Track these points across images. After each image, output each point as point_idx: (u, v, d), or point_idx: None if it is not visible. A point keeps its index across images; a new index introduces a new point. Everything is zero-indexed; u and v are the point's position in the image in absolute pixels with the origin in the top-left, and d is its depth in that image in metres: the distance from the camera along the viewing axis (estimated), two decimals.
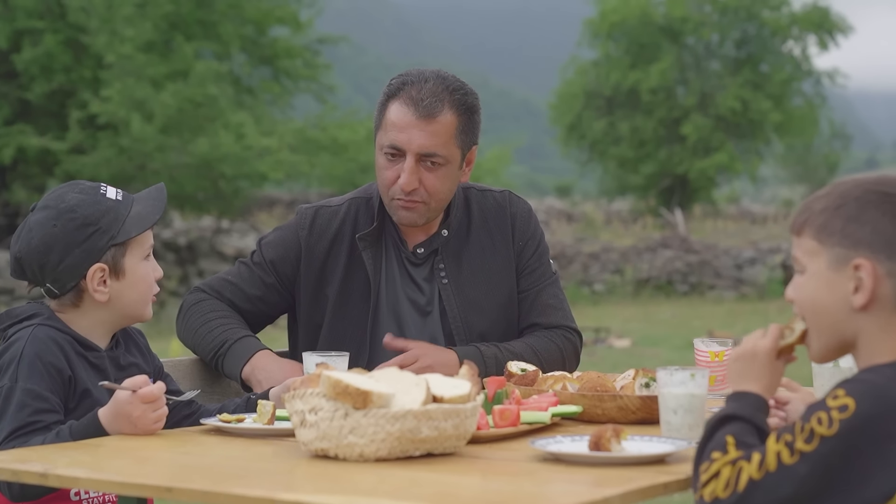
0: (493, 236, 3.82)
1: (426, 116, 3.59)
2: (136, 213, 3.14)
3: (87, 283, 3.09)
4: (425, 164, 3.61)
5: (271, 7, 23.90)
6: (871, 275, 2.34)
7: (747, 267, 24.75)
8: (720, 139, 39.55)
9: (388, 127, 3.62)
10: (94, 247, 3.08)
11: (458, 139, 3.65)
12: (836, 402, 2.25)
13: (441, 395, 2.64)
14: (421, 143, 3.59)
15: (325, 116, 24.55)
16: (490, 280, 3.79)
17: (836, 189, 2.41)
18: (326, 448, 2.60)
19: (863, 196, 2.37)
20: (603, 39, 41.14)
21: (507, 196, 3.88)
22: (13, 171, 22.31)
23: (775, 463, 2.26)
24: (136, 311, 3.18)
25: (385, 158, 3.63)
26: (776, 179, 67.94)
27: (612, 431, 2.57)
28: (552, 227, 32.03)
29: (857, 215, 2.36)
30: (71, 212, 3.08)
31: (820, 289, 2.40)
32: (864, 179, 2.40)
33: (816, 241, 2.40)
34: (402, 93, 3.62)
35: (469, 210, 3.83)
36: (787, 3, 41.35)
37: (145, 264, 3.17)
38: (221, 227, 24.33)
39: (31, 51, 21.21)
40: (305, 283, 3.75)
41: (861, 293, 2.35)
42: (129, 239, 3.12)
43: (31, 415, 2.95)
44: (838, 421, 2.23)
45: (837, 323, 2.39)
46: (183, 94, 20.81)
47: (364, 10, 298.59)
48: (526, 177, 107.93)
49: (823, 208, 2.40)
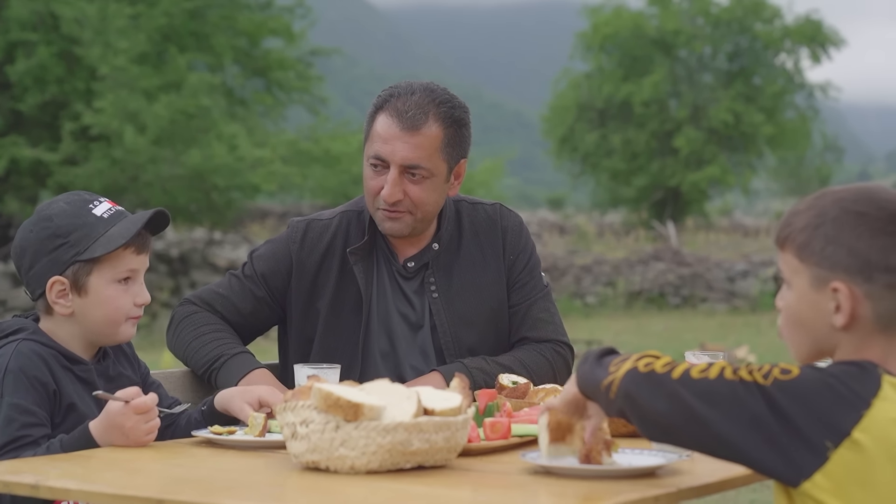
0: (484, 250, 3.82)
1: (409, 129, 3.60)
2: (110, 234, 3.09)
3: (47, 293, 3.09)
4: (409, 175, 3.62)
5: (264, 19, 23.89)
6: (849, 297, 2.36)
7: (739, 280, 24.77)
8: (712, 152, 39.58)
9: (375, 138, 3.63)
10: (59, 259, 3.08)
11: (444, 152, 3.65)
12: (787, 366, 2.31)
13: (432, 408, 2.64)
14: (404, 154, 3.60)
15: (317, 128, 24.54)
16: (480, 294, 3.78)
17: (816, 205, 2.42)
18: (317, 460, 2.60)
19: (839, 216, 2.38)
20: (595, 52, 41.18)
21: (498, 209, 3.88)
22: (6, 182, 22.28)
23: (717, 373, 2.31)
24: (105, 330, 3.14)
25: (371, 169, 3.65)
26: (768, 192, 67.99)
27: (603, 444, 2.58)
28: (544, 239, 32.04)
29: (834, 236, 2.37)
30: (48, 220, 3.09)
31: (803, 305, 2.42)
32: (842, 196, 2.41)
33: (797, 258, 2.42)
34: (388, 105, 3.64)
35: (460, 223, 3.83)
36: (779, 17, 41.41)
37: (115, 287, 3.11)
38: (214, 238, 24.30)
39: (24, 62, 21.19)
40: (297, 297, 3.75)
41: (841, 314, 2.37)
42: (97, 258, 3.08)
43: (19, 429, 2.94)
44: (775, 378, 2.28)
45: (819, 338, 2.42)
46: (176, 105, 20.79)
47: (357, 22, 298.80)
48: (518, 189, 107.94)
49: (804, 226, 2.41)
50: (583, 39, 41.61)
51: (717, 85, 40.94)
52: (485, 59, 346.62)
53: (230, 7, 23.47)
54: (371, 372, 3.66)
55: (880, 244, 2.35)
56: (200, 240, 24.25)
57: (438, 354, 3.73)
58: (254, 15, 23.90)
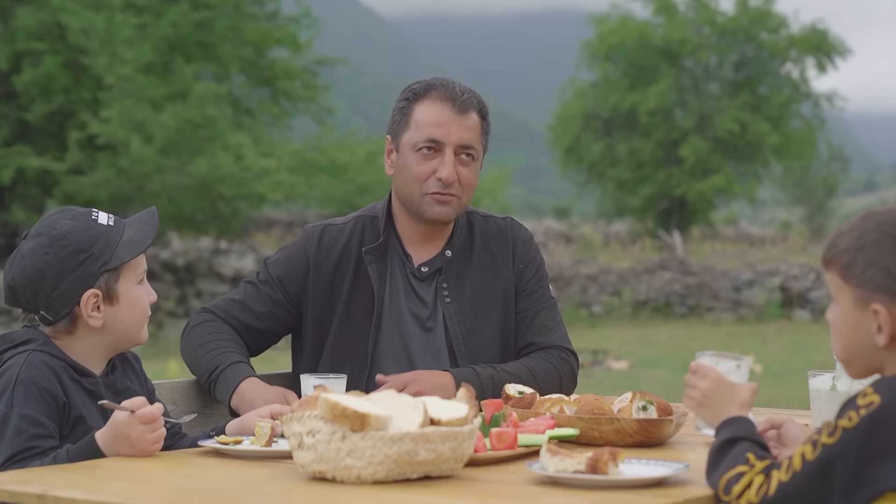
0: (495, 258, 3.89)
1: (462, 111, 3.75)
2: (129, 238, 3.13)
3: (82, 309, 3.09)
4: (461, 157, 3.76)
5: (270, 29, 23.93)
6: (889, 319, 2.43)
7: (745, 289, 24.74)
8: (718, 161, 39.53)
9: (423, 125, 3.74)
10: (87, 273, 3.08)
11: (483, 138, 3.83)
12: (865, 400, 2.34)
13: (438, 418, 2.65)
14: (460, 135, 3.75)
15: (323, 138, 24.56)
16: (491, 301, 3.84)
17: (859, 226, 2.50)
18: (324, 470, 2.61)
19: (879, 239, 2.45)
20: (601, 61, 41.14)
21: (510, 222, 3.97)
22: (12, 191, 22.31)
23: (800, 462, 2.35)
24: (132, 335, 3.18)
25: (419, 155, 3.74)
26: (774, 201, 67.87)
27: (609, 454, 2.58)
28: (550, 248, 32.01)
29: (874, 259, 2.44)
30: (63, 238, 3.08)
31: (848, 325, 2.50)
32: (884, 219, 2.48)
33: (841, 279, 2.50)
34: (431, 93, 3.78)
35: (472, 233, 3.91)
36: (785, 26, 41.37)
37: (139, 289, 3.17)
38: (220, 247, 24.31)
39: (30, 72, 21.23)
40: (313, 299, 3.79)
41: (882, 334, 2.45)
42: (122, 264, 3.11)
43: (27, 440, 2.94)
44: (861, 415, 2.32)
45: (865, 355, 2.49)
46: (182, 115, 20.82)
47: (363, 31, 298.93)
48: (524, 198, 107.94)
49: (847, 248, 2.49)
50: (588, 49, 41.58)
51: (722, 94, 40.90)
52: (491, 68, 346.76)
53: (236, 17, 23.51)
54: (382, 370, 3.70)
55: None
56: (206, 249, 24.26)
57: (451, 355, 3.78)
58: (260, 25, 23.94)
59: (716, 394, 2.61)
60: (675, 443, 3.17)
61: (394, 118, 3.82)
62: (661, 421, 3.09)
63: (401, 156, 3.77)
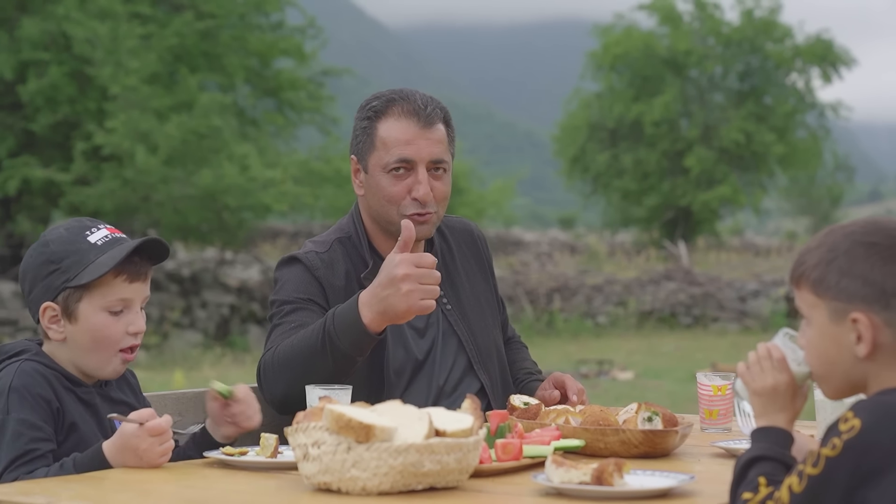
0: (472, 260, 3.94)
1: (428, 124, 3.65)
2: (99, 262, 3.08)
3: (40, 318, 3.12)
4: (433, 172, 3.66)
5: (275, 39, 23.93)
6: (869, 327, 2.38)
7: (751, 299, 24.73)
8: (723, 171, 39.55)
9: (390, 144, 3.63)
10: (51, 285, 3.10)
11: (451, 147, 3.74)
12: (846, 426, 2.30)
13: (444, 429, 2.65)
14: (430, 150, 3.64)
15: (328, 148, 24.55)
16: (480, 301, 3.89)
17: (827, 241, 2.46)
18: (329, 482, 2.61)
19: (851, 249, 2.41)
20: (606, 72, 41.18)
21: (466, 221, 4.02)
22: (18, 202, 22.32)
23: (788, 496, 2.31)
24: (92, 362, 3.12)
25: (391, 176, 3.64)
26: (780, 212, 67.93)
27: (614, 465, 2.58)
28: (555, 258, 32.00)
29: (848, 268, 2.40)
30: (44, 246, 3.13)
31: (825, 342, 2.45)
32: (852, 229, 2.44)
33: (814, 294, 2.45)
34: (394, 108, 3.66)
35: (445, 238, 3.90)
36: (790, 36, 41.39)
37: (105, 316, 3.10)
38: (225, 258, 24.32)
39: (36, 82, 21.24)
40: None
41: (863, 344, 2.40)
42: (87, 285, 3.07)
43: (27, 443, 2.95)
44: (843, 441, 2.28)
45: (846, 371, 2.44)
46: (187, 125, 20.81)
47: (368, 42, 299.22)
48: (529, 209, 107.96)
49: (817, 262, 2.44)
50: (594, 59, 41.62)
51: (727, 104, 40.92)
52: (496, 78, 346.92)
53: (241, 27, 23.52)
54: (390, 385, 3.64)
55: (894, 271, 2.38)
56: (212, 259, 24.27)
57: (466, 362, 3.76)
58: (265, 35, 23.94)
59: (779, 395, 2.53)
60: (681, 454, 3.17)
61: (357, 138, 3.71)
62: (667, 432, 3.09)
63: (371, 177, 3.67)
